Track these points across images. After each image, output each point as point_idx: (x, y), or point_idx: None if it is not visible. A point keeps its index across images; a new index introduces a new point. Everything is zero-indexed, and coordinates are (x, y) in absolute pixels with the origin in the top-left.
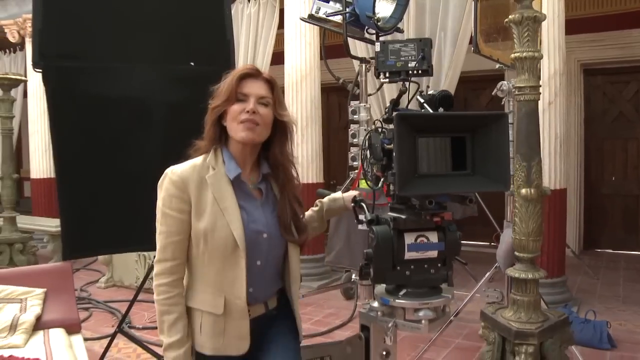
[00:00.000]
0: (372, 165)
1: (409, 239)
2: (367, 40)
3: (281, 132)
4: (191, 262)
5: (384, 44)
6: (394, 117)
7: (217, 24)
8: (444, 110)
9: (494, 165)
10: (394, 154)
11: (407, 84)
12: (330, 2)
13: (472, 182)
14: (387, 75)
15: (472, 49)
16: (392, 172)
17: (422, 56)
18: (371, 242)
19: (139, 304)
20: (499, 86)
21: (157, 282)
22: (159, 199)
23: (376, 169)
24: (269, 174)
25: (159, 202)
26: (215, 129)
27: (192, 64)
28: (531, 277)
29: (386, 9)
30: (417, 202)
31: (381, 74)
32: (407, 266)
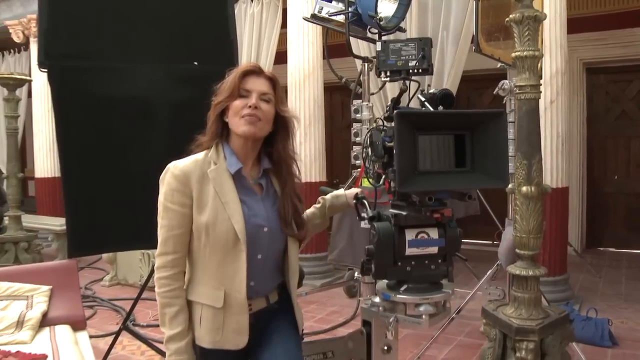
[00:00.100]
0: (373, 162)
1: (409, 235)
2: (370, 39)
3: (283, 128)
4: (192, 255)
5: (384, 43)
6: (394, 115)
7: (221, 24)
8: (444, 108)
9: (492, 162)
10: (395, 151)
11: (407, 82)
12: (332, 2)
13: (472, 179)
14: (388, 74)
15: (473, 48)
16: (393, 169)
17: (422, 55)
18: (373, 238)
19: (143, 302)
20: (500, 85)
21: (158, 275)
22: (160, 193)
23: (377, 166)
24: (270, 169)
25: (161, 197)
26: (217, 124)
27: (195, 63)
28: (532, 274)
29: (388, 8)
30: (417, 198)
31: (382, 72)
32: (408, 262)
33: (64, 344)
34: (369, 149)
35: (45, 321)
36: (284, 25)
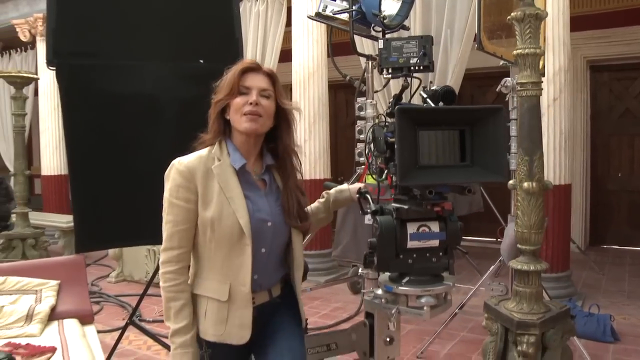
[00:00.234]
0: (376, 157)
1: (411, 229)
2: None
3: (285, 121)
4: (198, 250)
5: (387, 41)
6: (396, 111)
7: (226, 23)
8: (445, 105)
9: (491, 156)
10: (396, 146)
11: (409, 79)
12: (337, 0)
13: (471, 173)
14: (389, 71)
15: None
16: (394, 163)
17: (423, 53)
18: (375, 231)
19: (149, 298)
20: (502, 82)
21: (163, 270)
22: (165, 189)
23: (380, 161)
24: (272, 165)
25: (166, 193)
26: (219, 122)
27: (201, 61)
28: (533, 268)
29: (392, 6)
30: (418, 192)
31: (384, 69)
32: (409, 255)
33: (73, 337)
34: (372, 145)
35: (53, 315)
36: (289, 23)
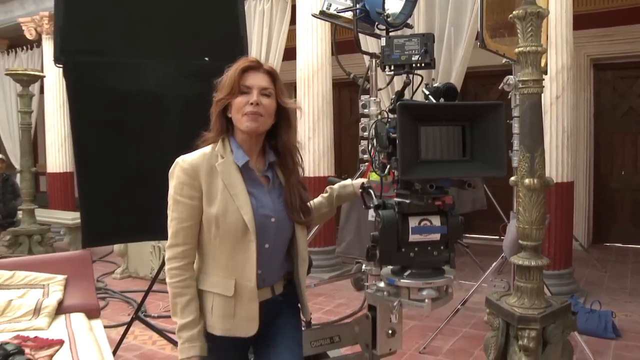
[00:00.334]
0: (378, 153)
1: (413, 222)
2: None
3: (285, 119)
4: (203, 246)
5: (389, 38)
6: (397, 107)
7: (231, 21)
8: (447, 101)
9: (491, 152)
10: (397, 141)
11: (410, 76)
12: None
13: (471, 168)
14: (392, 68)
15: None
16: (396, 157)
17: (424, 50)
18: (377, 225)
19: (154, 293)
20: (505, 80)
21: (169, 266)
22: (170, 187)
23: (382, 156)
24: (275, 162)
25: (171, 190)
26: (221, 120)
27: (206, 59)
28: (534, 264)
29: (396, 5)
30: (419, 186)
31: (387, 67)
32: (411, 248)
33: (79, 330)
34: (374, 140)
35: (60, 309)
36: (293, 21)
